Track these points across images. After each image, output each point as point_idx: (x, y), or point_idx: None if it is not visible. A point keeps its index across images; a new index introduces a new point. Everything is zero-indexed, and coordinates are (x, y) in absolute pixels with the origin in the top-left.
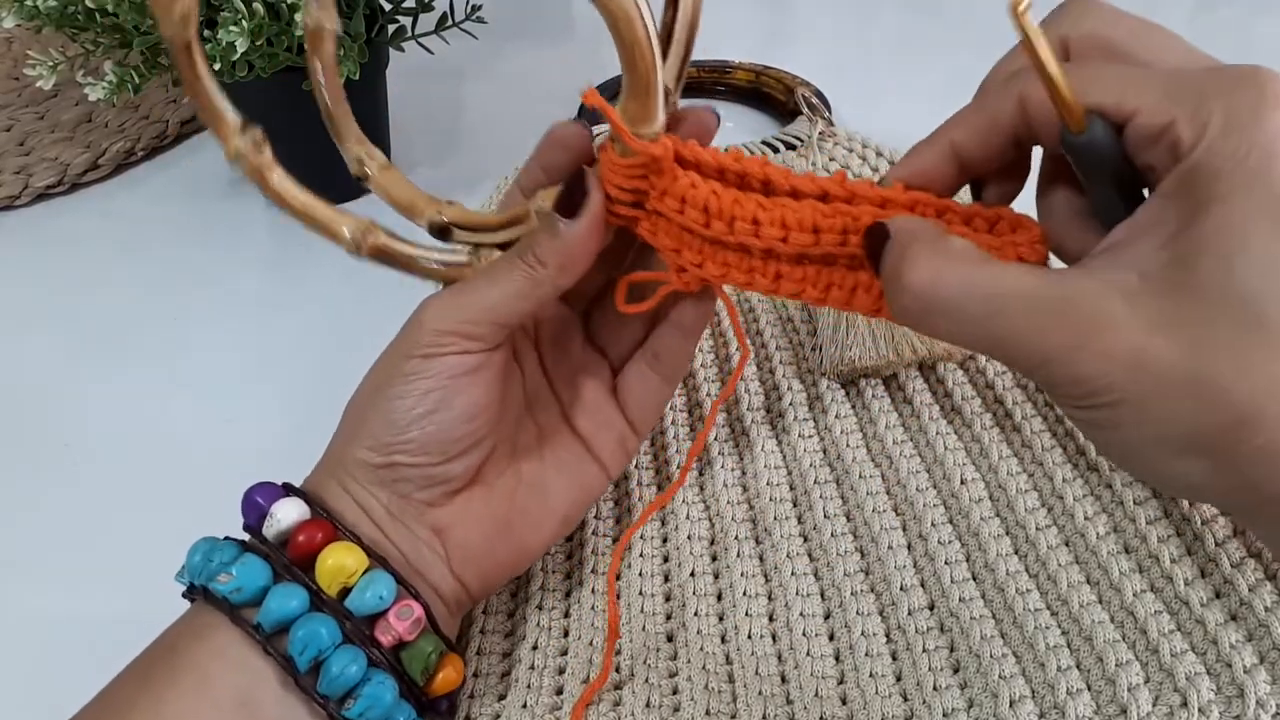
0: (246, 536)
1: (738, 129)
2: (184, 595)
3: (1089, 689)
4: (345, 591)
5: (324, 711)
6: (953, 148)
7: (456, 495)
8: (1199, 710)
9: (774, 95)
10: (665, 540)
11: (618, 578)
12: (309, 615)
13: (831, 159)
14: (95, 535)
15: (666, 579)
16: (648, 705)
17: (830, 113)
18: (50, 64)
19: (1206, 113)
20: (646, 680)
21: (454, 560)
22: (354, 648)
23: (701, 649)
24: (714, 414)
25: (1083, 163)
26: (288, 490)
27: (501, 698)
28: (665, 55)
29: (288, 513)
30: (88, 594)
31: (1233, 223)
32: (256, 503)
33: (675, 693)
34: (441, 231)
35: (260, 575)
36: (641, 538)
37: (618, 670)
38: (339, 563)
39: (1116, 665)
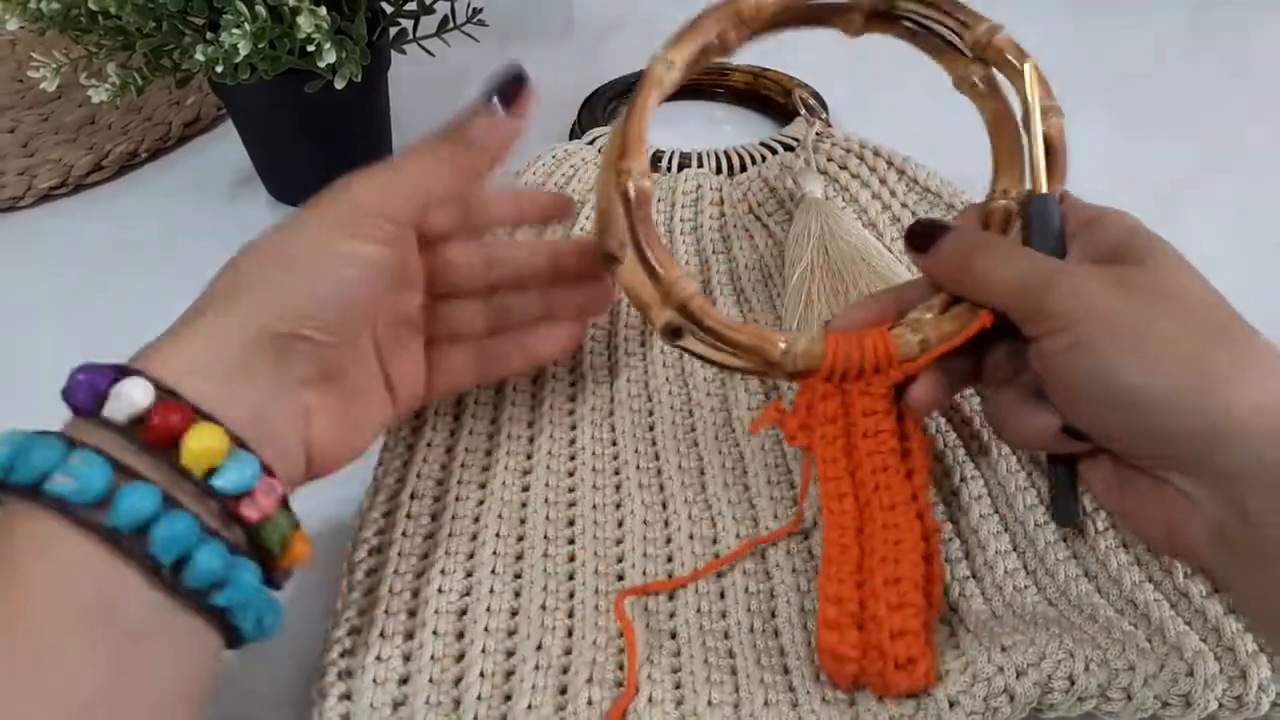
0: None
1: (736, 131)
2: None
3: (1094, 664)
4: (207, 473)
5: (193, 603)
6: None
7: (316, 384)
8: (1204, 683)
9: (772, 97)
10: (669, 540)
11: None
12: (167, 514)
13: (829, 159)
14: None
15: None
16: (650, 701)
17: (828, 114)
18: (53, 66)
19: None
20: (649, 677)
21: (310, 440)
22: (214, 541)
23: (704, 645)
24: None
25: (1032, 223)
26: (123, 371)
27: (507, 698)
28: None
29: (136, 393)
30: None
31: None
32: (88, 383)
33: (678, 687)
34: (674, 333)
35: (102, 472)
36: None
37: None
38: (206, 445)
39: (1123, 635)
